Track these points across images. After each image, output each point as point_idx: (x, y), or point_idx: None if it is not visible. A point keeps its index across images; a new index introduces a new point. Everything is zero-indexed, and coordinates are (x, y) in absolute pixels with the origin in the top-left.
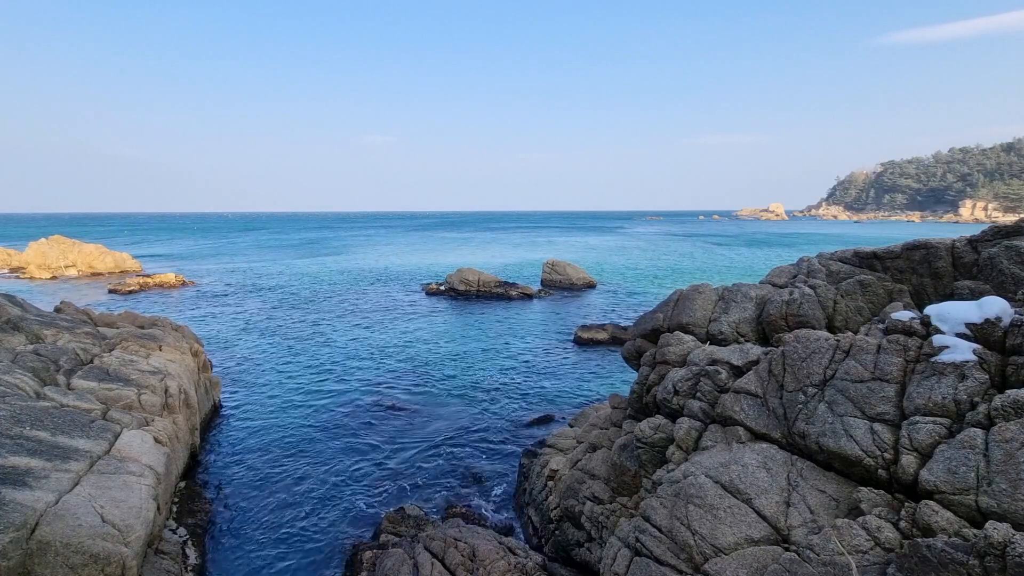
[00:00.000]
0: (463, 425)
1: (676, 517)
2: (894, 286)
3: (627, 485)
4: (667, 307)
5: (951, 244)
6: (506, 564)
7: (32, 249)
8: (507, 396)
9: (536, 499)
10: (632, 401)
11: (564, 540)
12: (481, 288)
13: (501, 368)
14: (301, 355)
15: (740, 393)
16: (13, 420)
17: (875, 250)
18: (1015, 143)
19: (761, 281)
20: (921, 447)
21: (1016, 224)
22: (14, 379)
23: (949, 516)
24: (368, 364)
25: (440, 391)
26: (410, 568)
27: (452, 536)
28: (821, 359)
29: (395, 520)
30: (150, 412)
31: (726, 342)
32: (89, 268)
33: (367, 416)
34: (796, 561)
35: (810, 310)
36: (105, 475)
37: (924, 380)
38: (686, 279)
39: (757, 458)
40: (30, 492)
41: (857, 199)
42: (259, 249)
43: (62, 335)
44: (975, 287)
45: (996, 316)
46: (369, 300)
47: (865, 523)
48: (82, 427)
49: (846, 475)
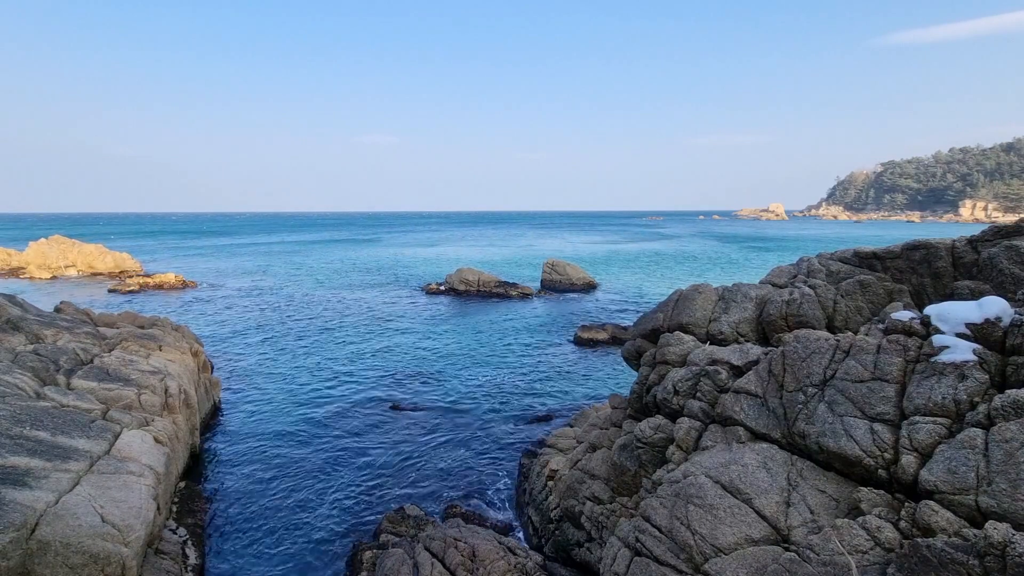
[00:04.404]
0: (463, 425)
1: (676, 517)
2: (894, 286)
3: (627, 485)
4: (667, 307)
5: (951, 244)
6: (506, 564)
7: (32, 249)
8: (507, 396)
9: (536, 499)
10: (632, 401)
11: (564, 540)
12: (481, 288)
13: (501, 368)
14: (301, 355)
15: (740, 393)
16: (13, 420)
17: (875, 250)
18: (1015, 143)
19: (761, 281)
20: (921, 447)
21: (1016, 224)
22: (14, 379)
23: (949, 516)
24: (368, 364)
25: (440, 391)
26: (410, 568)
27: (452, 536)
28: (821, 359)
29: (395, 520)
30: (150, 412)
31: (726, 342)
32: (89, 268)
33: (367, 416)
34: (796, 561)
35: (810, 310)
36: (105, 475)
37: (924, 380)
38: (686, 279)
39: (757, 458)
40: (30, 492)
41: (857, 199)
42: (259, 249)
43: (62, 335)
44: (975, 287)
45: (996, 316)
46: (369, 300)
47: (865, 523)
48: (82, 427)
49: (846, 475)
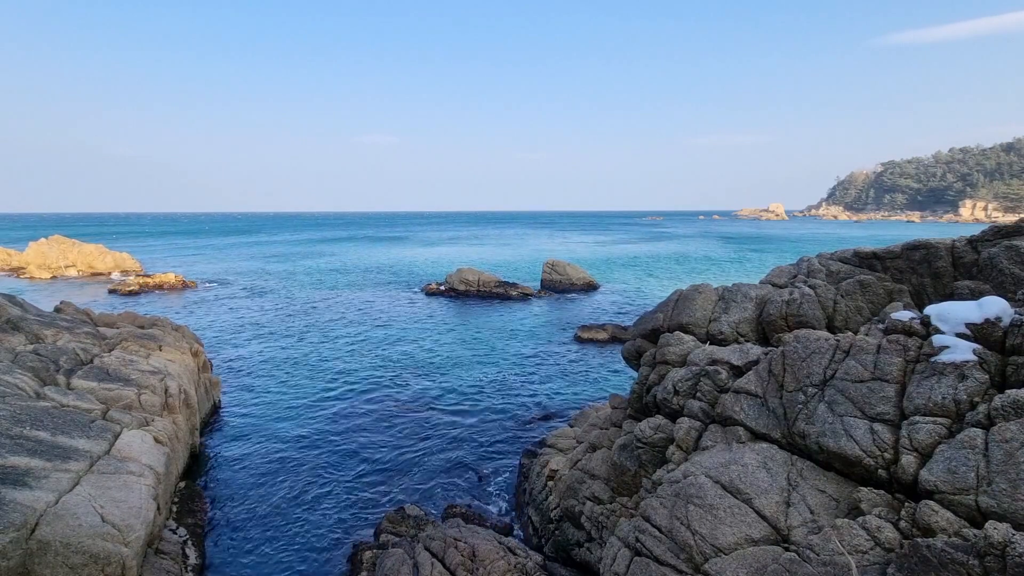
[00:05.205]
0: (463, 425)
1: (676, 517)
2: (894, 286)
3: (627, 485)
4: (667, 307)
5: (951, 244)
6: (506, 564)
7: (32, 249)
8: (507, 396)
9: (536, 499)
10: (632, 401)
11: (564, 540)
12: (481, 288)
13: (501, 368)
14: (301, 355)
15: (740, 393)
16: (13, 420)
17: (875, 250)
18: (1015, 143)
19: (761, 281)
20: (921, 447)
21: (1016, 224)
22: (14, 379)
23: (949, 516)
24: (368, 364)
25: (440, 391)
26: (410, 568)
27: (452, 536)
28: (821, 359)
29: (395, 520)
30: (150, 412)
31: (726, 342)
32: (89, 268)
33: (367, 416)
34: (796, 561)
35: (810, 310)
36: (105, 475)
37: (924, 380)
38: (686, 279)
39: (757, 458)
40: (30, 492)
41: (857, 199)
42: (260, 249)
43: (62, 335)
44: (975, 287)
45: (996, 316)
46: (369, 300)
47: (865, 523)
48: (82, 427)
49: (846, 475)
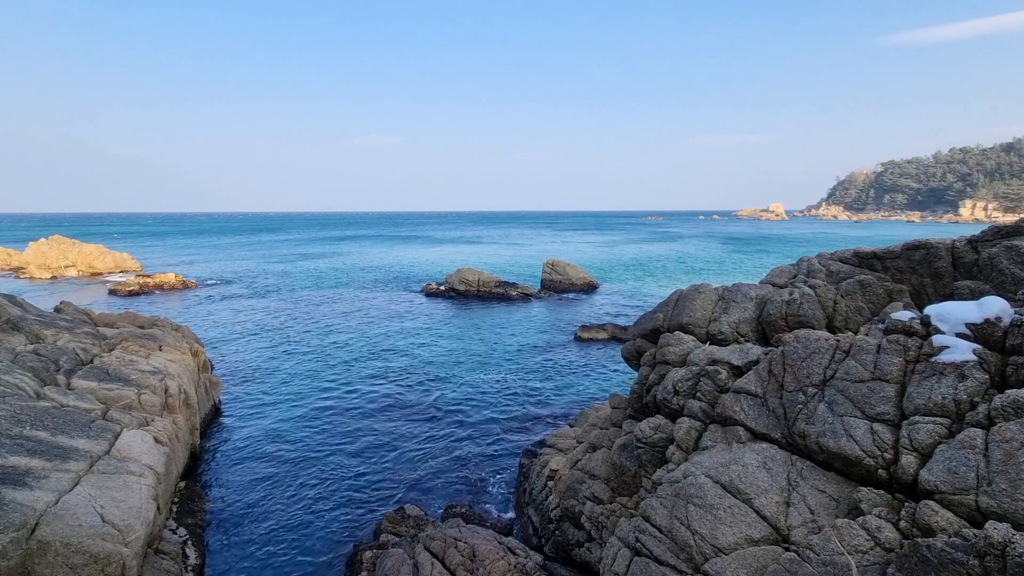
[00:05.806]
0: (463, 425)
1: (676, 517)
2: (894, 286)
3: (627, 485)
4: (667, 307)
5: (951, 244)
6: (506, 564)
7: (32, 249)
8: (507, 396)
9: (536, 499)
10: (632, 401)
11: (564, 540)
12: (481, 288)
13: (501, 368)
14: (301, 355)
15: (740, 393)
16: (13, 420)
17: (875, 250)
18: (1015, 143)
19: (761, 281)
20: (921, 447)
21: (1016, 224)
22: (14, 379)
23: (949, 516)
24: (367, 365)
25: (440, 391)
26: (410, 568)
27: (452, 536)
28: (821, 359)
29: (395, 520)
30: (150, 412)
31: (726, 342)
32: (89, 268)
33: (367, 416)
34: (796, 561)
35: (810, 310)
36: (105, 475)
37: (924, 380)
38: (686, 279)
39: (757, 458)
40: (30, 492)
41: (857, 199)
42: (260, 249)
43: (62, 335)
44: (975, 287)
45: (996, 316)
46: (369, 300)
47: (865, 523)
48: (82, 427)
49: (846, 475)
